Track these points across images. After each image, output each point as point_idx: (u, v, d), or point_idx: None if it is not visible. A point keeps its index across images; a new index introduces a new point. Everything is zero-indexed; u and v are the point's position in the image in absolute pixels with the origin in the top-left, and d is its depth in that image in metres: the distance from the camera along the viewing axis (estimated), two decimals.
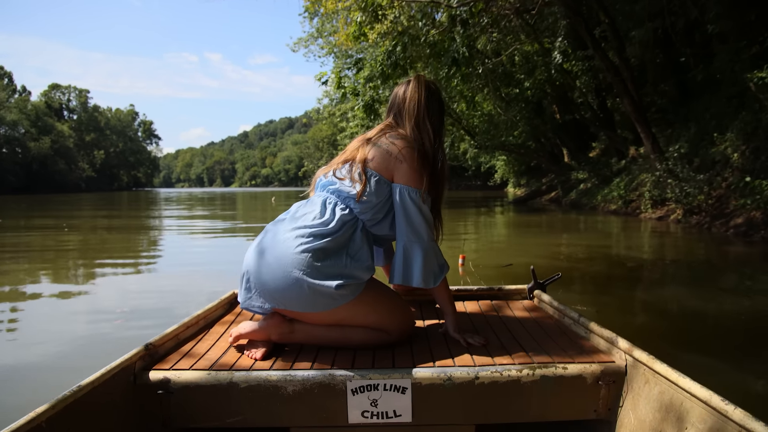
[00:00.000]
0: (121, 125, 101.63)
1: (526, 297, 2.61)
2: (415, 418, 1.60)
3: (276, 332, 1.83)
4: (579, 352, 1.76)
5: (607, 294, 5.02)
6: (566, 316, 2.14)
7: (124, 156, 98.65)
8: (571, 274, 5.76)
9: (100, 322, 3.99)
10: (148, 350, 1.70)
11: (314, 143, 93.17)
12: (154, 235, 11.39)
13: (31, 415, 1.23)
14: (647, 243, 9.18)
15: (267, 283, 1.76)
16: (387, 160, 1.88)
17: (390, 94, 2.26)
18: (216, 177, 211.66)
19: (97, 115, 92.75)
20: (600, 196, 17.17)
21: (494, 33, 12.08)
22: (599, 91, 20.28)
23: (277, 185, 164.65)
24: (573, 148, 24.07)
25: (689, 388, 1.34)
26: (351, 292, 1.76)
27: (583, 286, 5.32)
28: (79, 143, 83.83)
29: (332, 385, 1.59)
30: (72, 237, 10.67)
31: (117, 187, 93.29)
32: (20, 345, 3.49)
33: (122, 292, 5.18)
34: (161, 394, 1.59)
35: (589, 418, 1.65)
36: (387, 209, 1.91)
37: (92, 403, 1.41)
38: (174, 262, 7.47)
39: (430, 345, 1.87)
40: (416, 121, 1.98)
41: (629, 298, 4.91)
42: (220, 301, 2.40)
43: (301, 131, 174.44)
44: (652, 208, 12.87)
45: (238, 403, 1.59)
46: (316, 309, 1.75)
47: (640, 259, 7.11)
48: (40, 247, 8.91)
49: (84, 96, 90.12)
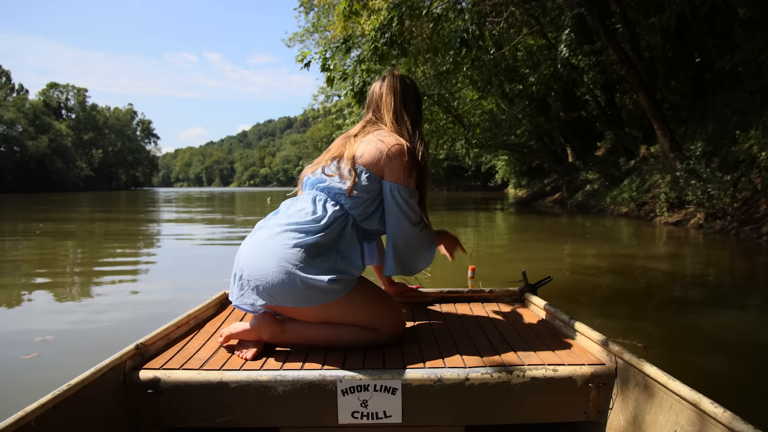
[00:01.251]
0: (119, 124, 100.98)
1: (517, 299, 2.60)
2: (405, 419, 1.60)
3: (267, 331, 1.82)
4: (569, 354, 1.76)
5: (651, 321, 4.09)
6: (557, 318, 2.13)
7: (122, 155, 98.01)
8: (600, 294, 4.90)
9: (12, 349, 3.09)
10: (138, 350, 1.70)
11: (313, 143, 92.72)
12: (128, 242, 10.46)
13: (20, 413, 1.22)
14: (676, 252, 8.22)
15: (259, 278, 1.76)
16: (377, 157, 1.89)
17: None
18: (215, 176, 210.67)
19: (96, 114, 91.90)
20: (609, 198, 16.24)
21: (497, 23, 11.06)
22: (607, 87, 19.35)
23: (275, 185, 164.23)
24: (578, 147, 23.12)
25: (679, 390, 1.34)
26: (343, 288, 1.77)
27: (620, 309, 4.38)
28: (78, 142, 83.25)
29: (322, 385, 1.59)
30: (31, 244, 9.72)
31: (115, 186, 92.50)
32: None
33: (54, 313, 4.27)
34: (151, 394, 1.58)
35: (579, 420, 1.64)
36: (377, 204, 1.94)
37: (82, 402, 1.40)
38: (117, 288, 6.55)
39: (420, 346, 1.87)
40: (394, 114, 2.03)
41: (680, 327, 3.92)
42: (211, 300, 2.40)
43: (300, 131, 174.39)
44: (668, 211, 11.94)
45: (228, 403, 1.58)
46: (309, 303, 1.76)
47: (677, 274, 6.18)
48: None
49: (82, 95, 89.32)
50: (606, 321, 3.80)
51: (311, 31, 23.12)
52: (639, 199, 13.73)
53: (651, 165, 15.98)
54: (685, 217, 11.18)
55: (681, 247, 8.61)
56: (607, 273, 6.14)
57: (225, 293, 2.51)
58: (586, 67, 18.69)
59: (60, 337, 3.54)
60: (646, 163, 16.43)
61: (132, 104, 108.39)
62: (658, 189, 13.64)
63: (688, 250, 8.26)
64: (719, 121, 12.90)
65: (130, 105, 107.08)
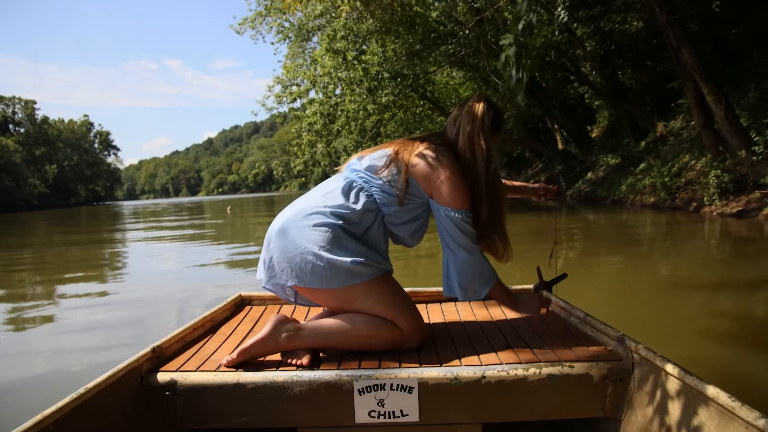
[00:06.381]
0: (74, 137, 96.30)
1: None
2: (422, 417, 1.59)
3: (283, 329, 1.76)
4: (586, 350, 1.74)
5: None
6: (572, 315, 2.10)
7: (79, 169, 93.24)
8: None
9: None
10: (154, 352, 1.70)
11: (281, 146, 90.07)
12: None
13: (38, 417, 1.23)
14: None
15: (289, 259, 1.77)
16: (428, 174, 1.86)
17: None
18: (182, 186, 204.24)
19: (47, 128, 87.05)
20: (624, 186, 13.66)
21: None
22: (607, 59, 16.85)
23: (245, 191, 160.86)
24: (573, 130, 20.59)
25: (696, 385, 1.33)
26: (369, 273, 1.76)
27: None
28: (28, 158, 78.58)
29: (339, 385, 1.59)
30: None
31: (75, 202, 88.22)
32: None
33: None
34: (168, 396, 1.60)
35: (596, 416, 1.62)
36: (412, 216, 1.91)
37: (99, 405, 1.42)
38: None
39: (436, 344, 1.86)
40: (470, 134, 1.93)
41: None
42: (227, 303, 2.41)
43: (267, 135, 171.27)
44: (720, 199, 9.37)
45: (245, 404, 1.59)
46: (335, 285, 1.75)
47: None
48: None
49: (31, 107, 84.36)
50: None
51: (263, 15, 20.15)
52: (672, 185, 11.12)
53: (672, 144, 13.47)
54: (749, 206, 8.61)
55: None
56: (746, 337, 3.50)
57: (240, 295, 2.53)
58: (584, 35, 16.20)
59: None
60: (665, 143, 13.91)
61: (88, 115, 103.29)
62: (692, 172, 11.10)
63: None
64: (763, 87, 10.46)
65: (85, 116, 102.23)
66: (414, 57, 16.23)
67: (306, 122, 16.12)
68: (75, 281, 6.91)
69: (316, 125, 15.85)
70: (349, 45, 15.77)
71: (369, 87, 15.04)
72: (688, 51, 8.61)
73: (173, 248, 10.90)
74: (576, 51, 17.61)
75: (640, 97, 17.75)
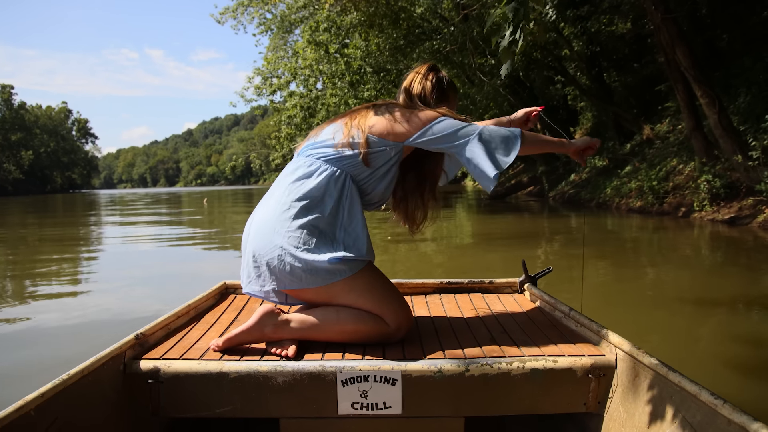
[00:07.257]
0: (52, 124, 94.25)
1: (516, 290, 2.54)
2: (405, 410, 1.59)
3: (269, 321, 1.74)
4: (569, 345, 1.74)
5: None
6: (557, 309, 2.10)
7: (56, 156, 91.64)
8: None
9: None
10: (138, 339, 1.70)
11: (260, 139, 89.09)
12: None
13: (19, 403, 1.21)
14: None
15: (266, 262, 1.74)
16: (390, 124, 1.82)
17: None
18: (160, 177, 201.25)
19: (24, 113, 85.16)
20: (609, 189, 13.40)
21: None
22: (594, 60, 16.61)
23: (223, 183, 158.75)
24: (557, 131, 20.34)
25: (679, 382, 1.33)
26: (349, 269, 1.73)
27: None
28: (3, 143, 77.29)
29: (322, 376, 1.58)
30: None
31: (50, 189, 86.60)
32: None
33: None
34: (151, 383, 1.58)
35: (579, 411, 1.63)
36: (384, 171, 1.85)
37: (81, 392, 1.40)
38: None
39: (420, 337, 1.85)
40: (408, 93, 1.95)
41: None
42: (211, 291, 2.40)
43: (248, 128, 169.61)
44: (710, 205, 9.12)
45: (228, 393, 1.58)
46: (315, 284, 1.72)
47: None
48: None
49: (8, 92, 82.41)
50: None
51: (245, 4, 19.64)
52: (660, 189, 10.87)
53: (658, 148, 13.26)
54: (741, 213, 8.36)
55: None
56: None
57: (224, 283, 2.51)
58: (571, 35, 15.93)
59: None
60: (651, 146, 13.69)
61: (66, 102, 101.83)
62: (681, 176, 10.86)
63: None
64: (753, 92, 10.23)
65: (63, 103, 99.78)
66: (397, 52, 15.90)
67: (285, 115, 15.69)
68: (50, 266, 6.43)
69: (295, 118, 15.46)
70: (331, 38, 15.39)
71: (351, 81, 14.69)
72: (682, 51, 8.33)
73: (151, 248, 10.42)
74: (563, 51, 17.35)
75: (626, 99, 17.55)
